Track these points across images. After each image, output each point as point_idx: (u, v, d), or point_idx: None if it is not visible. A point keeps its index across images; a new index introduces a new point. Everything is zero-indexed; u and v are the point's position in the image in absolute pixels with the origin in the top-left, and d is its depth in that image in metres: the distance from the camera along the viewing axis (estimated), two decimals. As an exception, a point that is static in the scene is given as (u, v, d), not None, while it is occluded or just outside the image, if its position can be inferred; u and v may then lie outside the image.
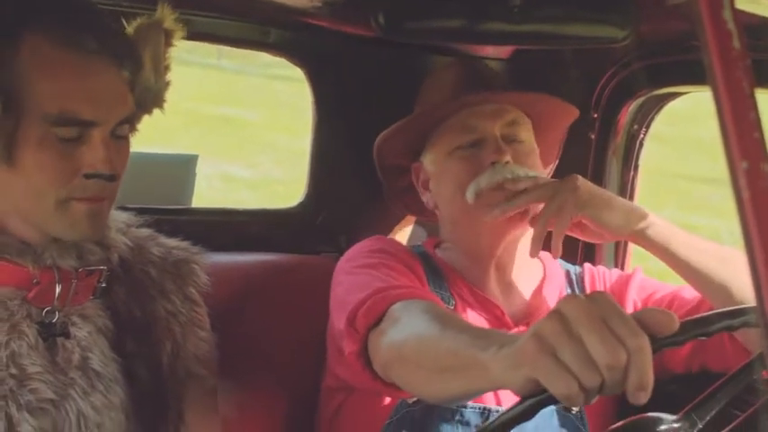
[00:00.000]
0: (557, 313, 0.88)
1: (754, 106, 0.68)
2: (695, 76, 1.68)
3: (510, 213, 1.59)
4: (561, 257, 1.79)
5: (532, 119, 1.71)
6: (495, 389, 1.04)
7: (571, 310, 0.88)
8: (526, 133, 1.67)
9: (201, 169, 3.52)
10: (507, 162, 1.60)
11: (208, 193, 7.80)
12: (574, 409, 1.59)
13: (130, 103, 1.27)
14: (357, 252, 1.63)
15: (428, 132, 1.71)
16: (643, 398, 0.87)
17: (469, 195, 1.62)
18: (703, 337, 1.12)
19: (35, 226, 1.25)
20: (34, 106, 1.17)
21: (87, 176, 1.21)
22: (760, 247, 0.68)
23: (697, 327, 1.12)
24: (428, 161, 1.72)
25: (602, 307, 0.87)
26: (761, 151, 0.67)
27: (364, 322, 1.34)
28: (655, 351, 0.89)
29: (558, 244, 1.59)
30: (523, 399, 0.95)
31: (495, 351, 0.98)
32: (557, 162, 1.88)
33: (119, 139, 1.26)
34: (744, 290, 1.44)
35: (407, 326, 1.25)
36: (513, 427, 1.07)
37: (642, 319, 0.90)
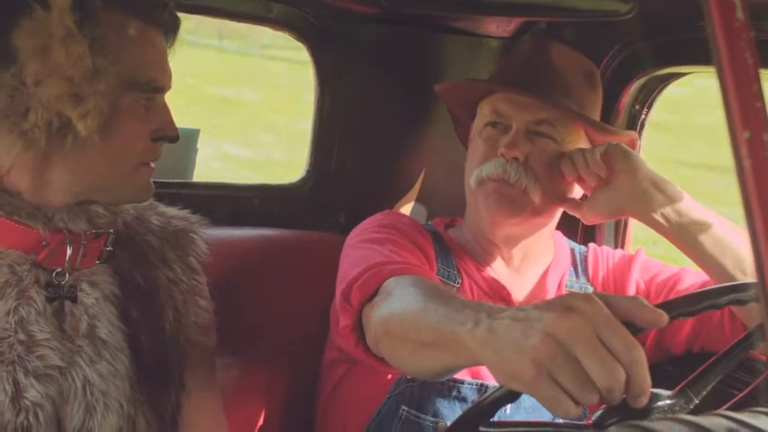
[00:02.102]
0: (549, 337, 0.87)
1: (756, 76, 0.68)
2: (698, 56, 1.68)
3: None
4: (563, 235, 1.80)
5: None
6: (475, 365, 1.04)
7: (564, 331, 0.87)
8: (560, 135, 1.60)
9: (201, 149, 3.51)
10: (515, 158, 1.57)
11: (207, 174, 7.80)
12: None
13: None
14: (366, 226, 1.62)
15: (478, 99, 1.69)
16: (643, 402, 0.89)
17: (472, 180, 1.62)
18: (688, 317, 1.13)
19: (74, 192, 1.27)
20: (125, 75, 1.23)
21: (154, 140, 1.30)
22: (760, 216, 0.68)
23: (681, 306, 1.13)
24: (474, 125, 1.71)
25: (593, 321, 0.87)
26: (763, 121, 0.68)
27: (358, 297, 1.35)
28: (636, 334, 0.90)
29: None
30: None
31: (470, 328, 0.97)
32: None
33: None
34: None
35: (396, 300, 1.25)
36: (502, 406, 1.08)
37: (630, 313, 0.91)
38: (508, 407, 1.54)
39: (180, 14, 1.35)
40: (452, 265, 1.65)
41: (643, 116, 1.91)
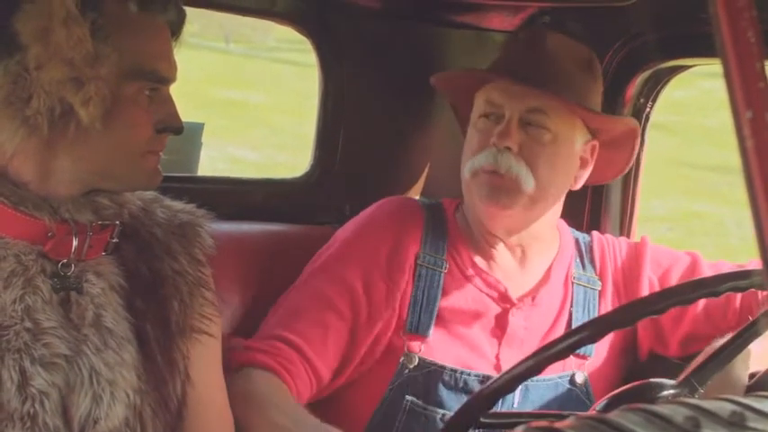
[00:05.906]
0: None
1: (759, 55, 0.68)
2: (703, 48, 1.68)
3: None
4: (567, 225, 1.80)
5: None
6: None
7: None
8: (554, 125, 1.59)
9: (206, 152, 3.50)
10: (508, 148, 1.57)
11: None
12: (578, 381, 1.60)
13: None
14: (357, 222, 1.68)
15: (474, 90, 1.68)
16: None
17: (466, 171, 1.62)
18: (685, 305, 1.14)
19: (80, 181, 1.27)
20: (128, 64, 1.24)
21: (158, 131, 1.30)
22: (764, 197, 0.68)
23: (678, 294, 1.13)
24: (471, 117, 1.70)
25: None
26: (765, 101, 0.67)
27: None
28: (638, 319, 0.90)
29: None
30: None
31: None
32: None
33: None
34: None
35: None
36: (501, 396, 1.08)
37: None
38: (516, 400, 1.55)
39: (188, 16, 1.36)
40: (442, 249, 1.65)
41: (648, 109, 1.91)
